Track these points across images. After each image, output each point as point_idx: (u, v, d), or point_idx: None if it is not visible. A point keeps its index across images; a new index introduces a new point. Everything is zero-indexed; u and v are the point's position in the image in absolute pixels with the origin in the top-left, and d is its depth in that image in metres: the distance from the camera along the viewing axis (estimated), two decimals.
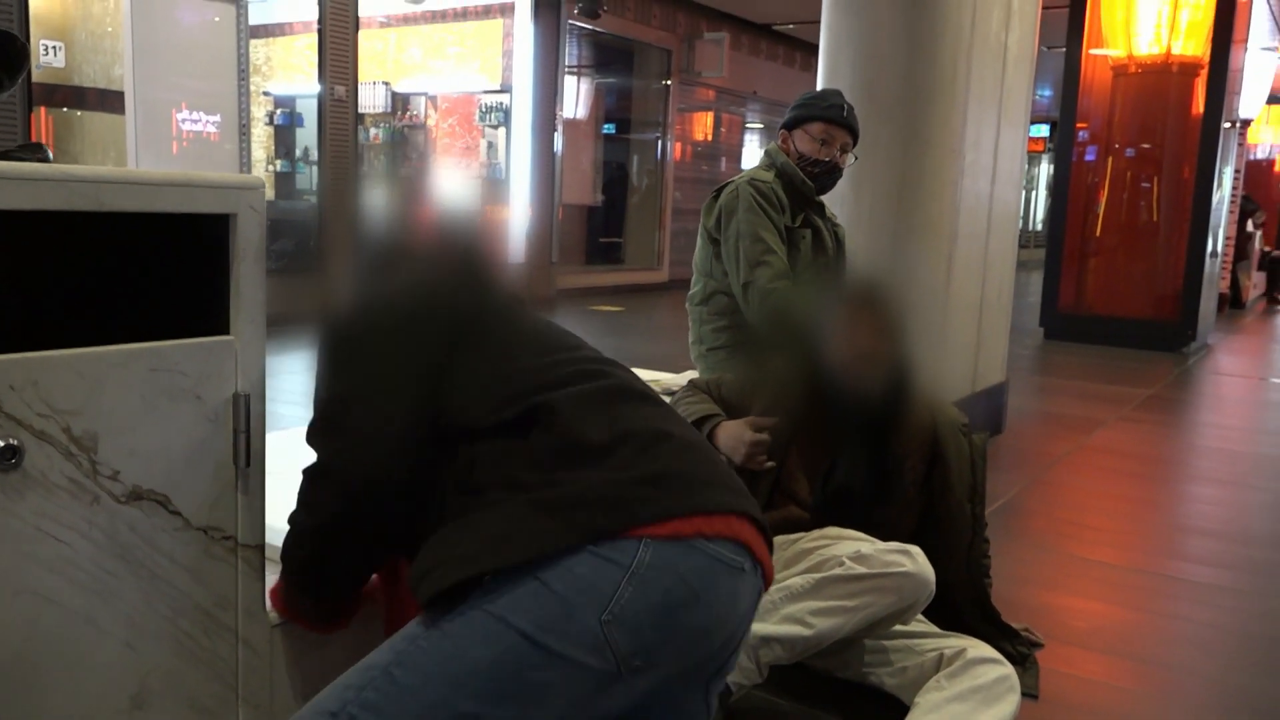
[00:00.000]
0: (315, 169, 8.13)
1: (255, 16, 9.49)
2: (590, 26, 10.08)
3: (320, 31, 7.63)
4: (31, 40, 6.05)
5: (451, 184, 1.82)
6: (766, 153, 2.88)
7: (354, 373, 1.23)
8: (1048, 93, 16.06)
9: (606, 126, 12.08)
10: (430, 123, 10.57)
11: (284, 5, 9.95)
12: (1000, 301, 4.70)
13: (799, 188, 2.76)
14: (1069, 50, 8.53)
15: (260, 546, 1.35)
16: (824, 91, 2.93)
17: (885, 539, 2.20)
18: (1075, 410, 5.73)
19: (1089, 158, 8.77)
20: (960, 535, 2.27)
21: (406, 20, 10.59)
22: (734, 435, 2.23)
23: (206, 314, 1.27)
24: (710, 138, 13.57)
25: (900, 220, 3.91)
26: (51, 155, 1.27)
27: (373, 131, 10.53)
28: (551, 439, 1.12)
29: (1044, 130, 18.45)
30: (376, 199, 1.51)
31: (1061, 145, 8.83)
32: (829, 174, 2.80)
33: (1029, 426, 5.11)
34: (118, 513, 1.19)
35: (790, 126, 2.83)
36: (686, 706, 1.20)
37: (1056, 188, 8.93)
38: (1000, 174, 4.44)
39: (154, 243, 1.23)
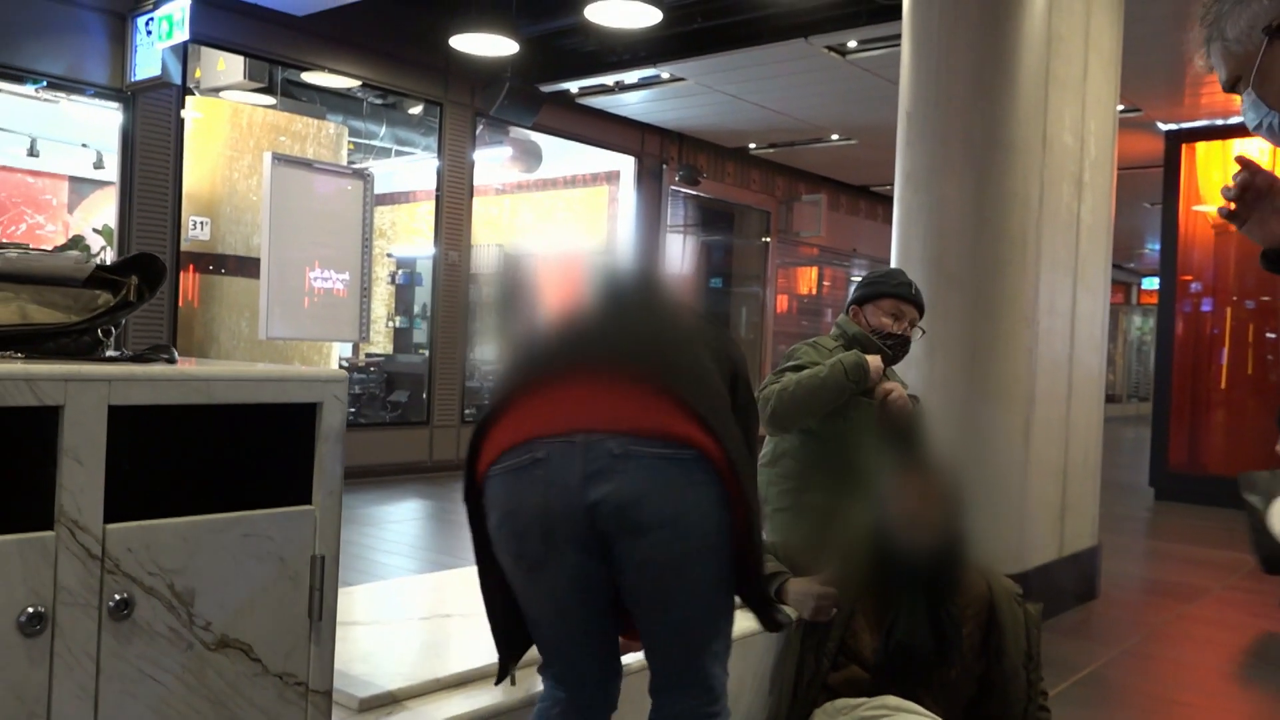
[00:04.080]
0: (429, 325, 8.62)
1: (384, 185, 10.33)
2: (691, 191, 10.59)
3: (438, 200, 8.24)
4: (183, 217, 6.74)
5: None
6: (837, 323, 3.02)
7: None
8: (1157, 246, 15.91)
9: (712, 281, 12.47)
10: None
11: (409, 175, 10.79)
12: (1087, 464, 4.68)
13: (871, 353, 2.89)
14: (1165, 209, 8.57)
15: (328, 692, 1.52)
16: (890, 270, 3.11)
17: (946, 703, 2.26)
18: (1178, 576, 5.54)
19: (1200, 308, 8.67)
20: (1015, 701, 2.30)
21: (520, 187, 11.32)
22: (802, 590, 2.38)
23: (291, 485, 1.49)
24: (814, 291, 13.84)
25: (973, 386, 4.00)
26: (177, 354, 1.53)
27: (486, 290, 11.14)
28: None
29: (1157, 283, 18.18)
30: None
31: (1164, 300, 8.76)
32: (900, 345, 2.94)
33: (1125, 593, 4.97)
34: (207, 659, 1.39)
35: (861, 302, 2.96)
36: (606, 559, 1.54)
37: (1160, 342, 8.82)
38: (1079, 338, 4.50)
39: (251, 424, 1.46)
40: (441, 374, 8.07)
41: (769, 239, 12.05)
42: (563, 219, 11.12)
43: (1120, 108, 8.11)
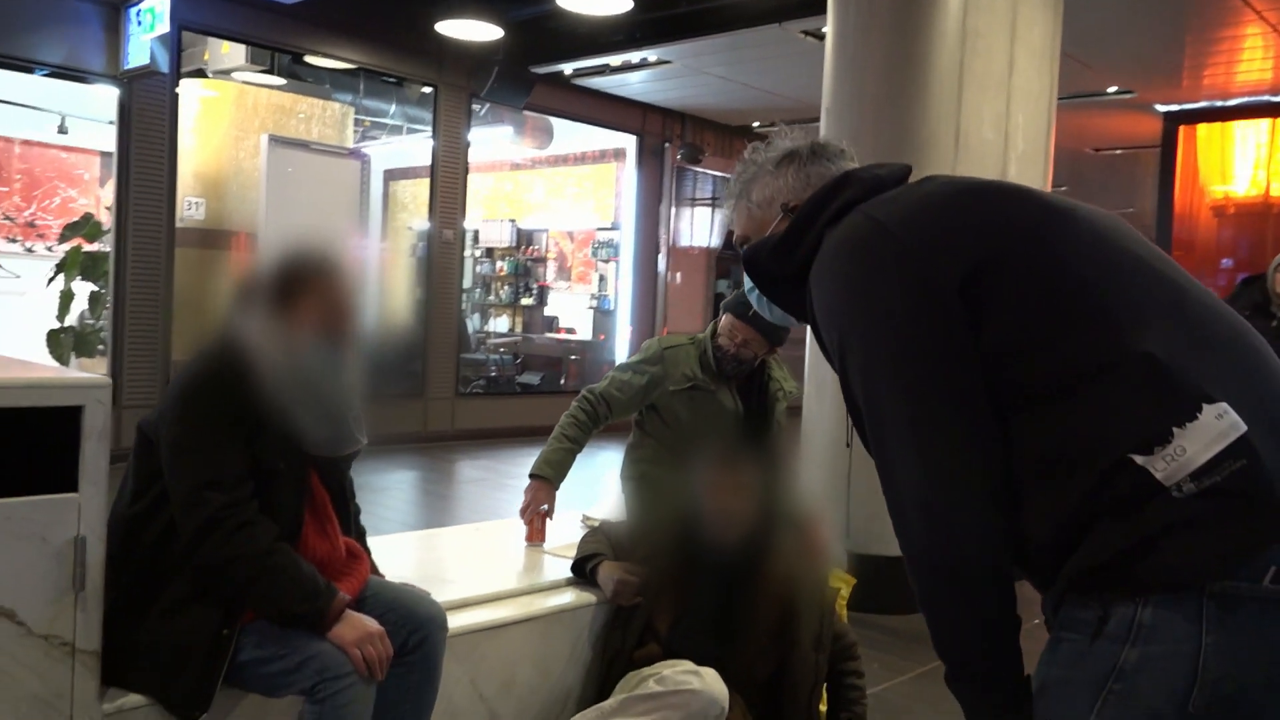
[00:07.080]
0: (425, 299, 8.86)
1: (402, 160, 10.60)
2: (700, 169, 10.71)
3: (433, 180, 8.49)
4: (178, 197, 7.06)
5: None
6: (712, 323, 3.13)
7: None
8: None
9: (725, 253, 12.60)
10: (551, 256, 11.38)
11: (426, 150, 11.04)
12: None
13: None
14: (1161, 190, 8.51)
15: (96, 651, 1.77)
16: None
17: (736, 684, 2.45)
18: None
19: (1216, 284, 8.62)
20: (802, 683, 2.47)
21: (534, 163, 11.54)
22: (608, 574, 2.60)
23: (59, 476, 1.73)
24: None
25: None
26: None
27: (499, 264, 11.40)
28: None
29: None
30: None
31: None
32: (735, 363, 2.98)
33: None
34: None
35: (723, 309, 3.01)
36: None
37: None
38: None
39: (16, 424, 1.71)
40: (436, 347, 8.36)
41: None
42: (572, 195, 11.34)
43: (1113, 89, 8.06)
